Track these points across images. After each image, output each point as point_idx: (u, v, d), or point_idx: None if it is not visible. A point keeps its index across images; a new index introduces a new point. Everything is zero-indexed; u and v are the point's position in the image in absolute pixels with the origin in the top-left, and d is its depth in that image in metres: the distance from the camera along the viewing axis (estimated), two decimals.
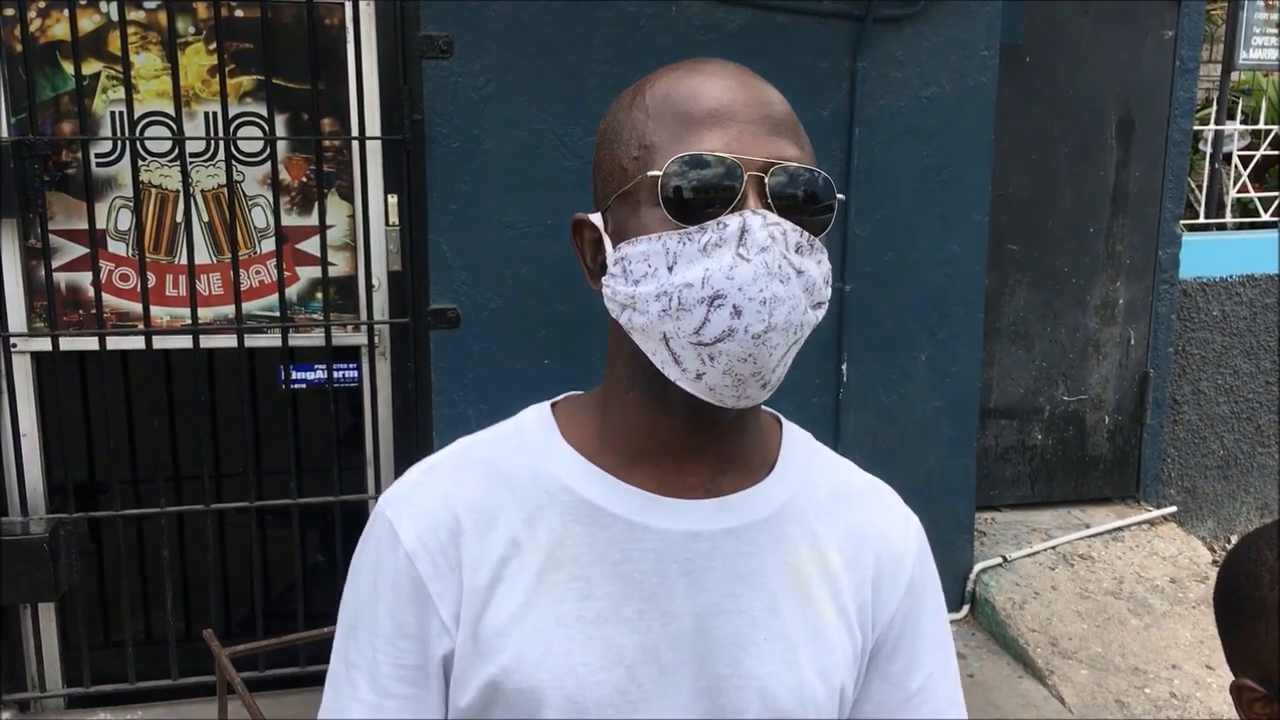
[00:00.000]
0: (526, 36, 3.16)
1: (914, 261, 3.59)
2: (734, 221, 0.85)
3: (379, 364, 3.31)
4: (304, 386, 3.31)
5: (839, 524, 0.99)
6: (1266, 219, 5.02)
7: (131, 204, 3.11)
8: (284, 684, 3.29)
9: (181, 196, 3.09)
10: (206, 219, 3.20)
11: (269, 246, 3.21)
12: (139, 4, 3.08)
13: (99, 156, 3.12)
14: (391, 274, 3.27)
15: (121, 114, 3.07)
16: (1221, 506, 4.88)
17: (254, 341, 3.23)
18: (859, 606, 0.98)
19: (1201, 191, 4.91)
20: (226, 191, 3.13)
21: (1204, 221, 4.86)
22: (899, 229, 3.55)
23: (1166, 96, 4.35)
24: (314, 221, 3.18)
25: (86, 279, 3.11)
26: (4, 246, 3.07)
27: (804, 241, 0.87)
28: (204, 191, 3.18)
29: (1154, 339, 4.51)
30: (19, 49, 2.98)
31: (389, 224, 3.23)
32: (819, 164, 0.91)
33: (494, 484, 0.94)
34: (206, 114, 3.14)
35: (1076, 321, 4.43)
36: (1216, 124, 4.86)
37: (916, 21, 3.44)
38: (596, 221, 0.93)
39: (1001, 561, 4.05)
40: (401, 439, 3.33)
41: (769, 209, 0.86)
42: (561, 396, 1.02)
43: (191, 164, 3.11)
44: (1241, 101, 5.42)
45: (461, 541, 0.92)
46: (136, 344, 3.15)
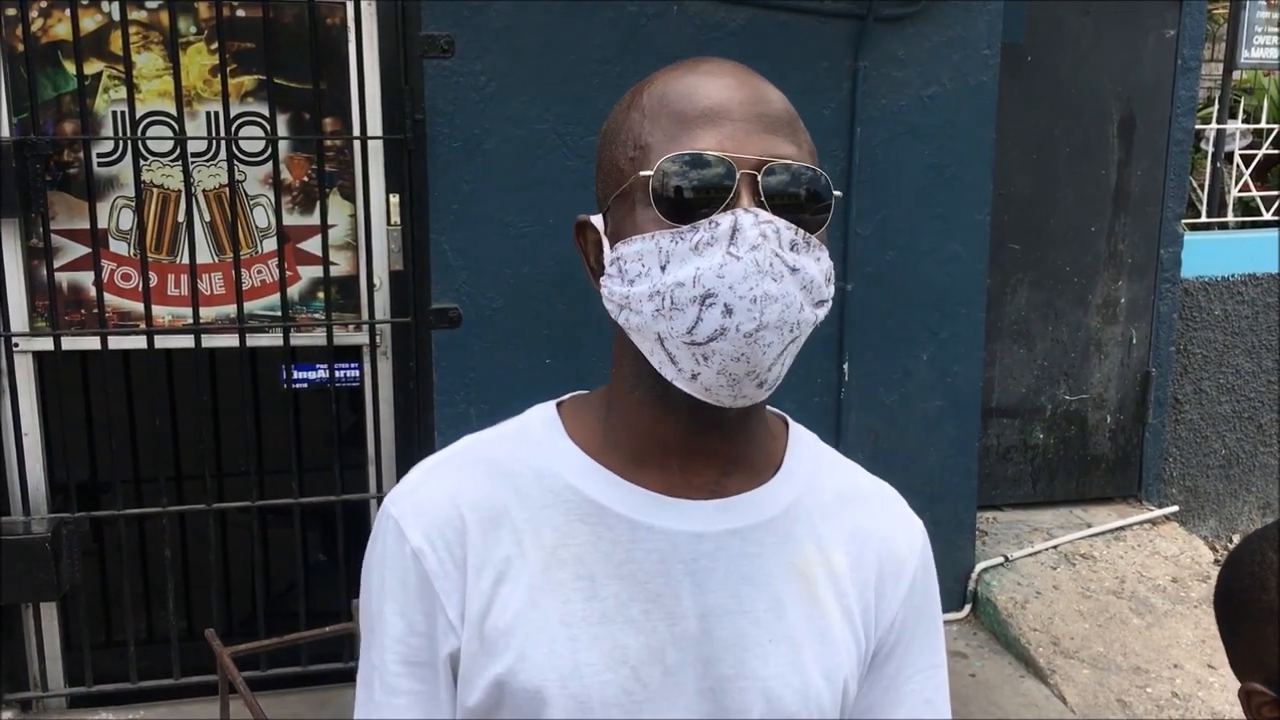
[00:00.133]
0: (528, 36, 3.16)
1: (915, 260, 3.59)
2: (725, 220, 0.85)
3: (380, 363, 3.31)
4: (305, 386, 3.31)
5: (844, 526, 0.99)
6: (1268, 218, 5.01)
7: (133, 203, 3.11)
8: (286, 683, 3.29)
9: (183, 196, 3.09)
10: (208, 218, 3.20)
11: (270, 246, 3.22)
12: (140, 4, 3.08)
13: (101, 156, 3.12)
14: (393, 273, 3.27)
15: (123, 113, 3.07)
16: (1223, 506, 4.87)
17: (255, 341, 3.23)
18: (863, 609, 0.98)
19: (1203, 190, 4.91)
20: (228, 191, 3.13)
21: (1205, 220, 4.85)
22: (900, 228, 3.55)
23: (1168, 95, 4.35)
24: (315, 221, 3.18)
25: (88, 278, 3.11)
26: (6, 246, 3.07)
27: (799, 239, 0.87)
28: (205, 191, 3.18)
29: (1156, 338, 4.50)
30: (21, 49, 2.98)
31: (390, 223, 3.23)
32: (821, 163, 0.91)
33: (499, 483, 0.94)
34: (208, 113, 3.14)
35: (1078, 321, 4.42)
36: (1218, 123, 4.86)
37: (918, 21, 3.44)
38: (597, 223, 0.94)
39: (1003, 561, 4.05)
40: (403, 438, 3.33)
41: (762, 207, 0.86)
42: (567, 396, 1.01)
43: (193, 163, 3.11)
44: (1243, 100, 5.41)
45: (467, 540, 0.92)
46: (138, 343, 3.16)
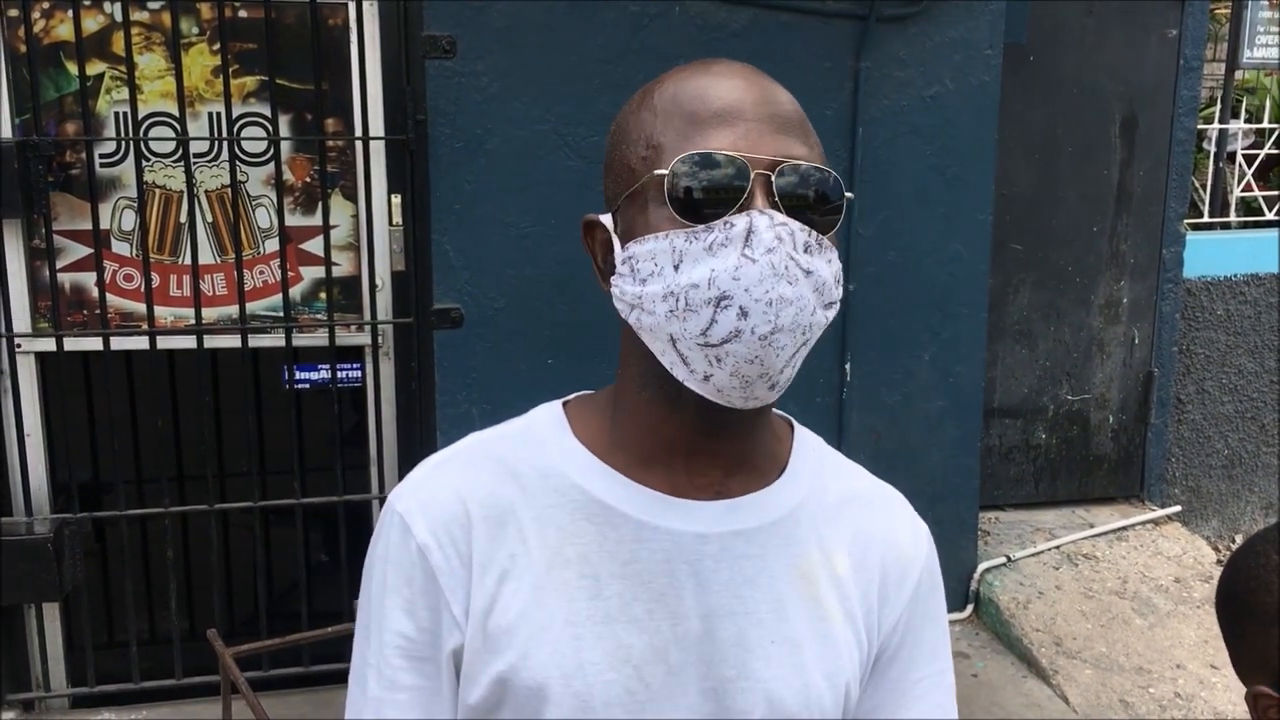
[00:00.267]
0: (529, 36, 3.16)
1: (917, 261, 3.58)
2: (740, 221, 0.84)
3: (382, 364, 3.31)
4: (307, 386, 3.31)
5: (848, 529, 0.99)
6: (1270, 218, 5.01)
7: (135, 204, 3.11)
8: (288, 684, 3.29)
9: (185, 197, 3.09)
10: (210, 219, 3.20)
11: (273, 247, 3.22)
12: (143, 5, 3.08)
13: (103, 157, 3.12)
14: (395, 274, 3.27)
15: (125, 114, 3.08)
16: (1226, 506, 4.87)
17: (258, 341, 3.23)
18: (865, 611, 0.98)
19: (1205, 190, 4.91)
20: (230, 192, 3.13)
21: (1208, 220, 4.85)
22: (902, 228, 3.55)
23: (1170, 95, 4.35)
24: (317, 222, 3.18)
25: (91, 279, 3.11)
26: (8, 247, 3.07)
27: (812, 241, 0.87)
28: (208, 192, 3.19)
29: (1158, 338, 4.50)
30: (23, 49, 2.98)
31: (392, 224, 3.23)
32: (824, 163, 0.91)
33: (504, 480, 0.94)
34: (210, 114, 3.15)
35: (1080, 321, 4.42)
36: (1220, 123, 4.86)
37: (920, 21, 3.44)
38: (606, 222, 0.93)
39: (1005, 561, 4.05)
40: (405, 439, 3.33)
41: (776, 208, 0.85)
42: (572, 396, 1.01)
43: (195, 164, 3.11)
44: (1245, 100, 5.41)
45: (473, 537, 0.92)
46: (140, 344, 3.16)
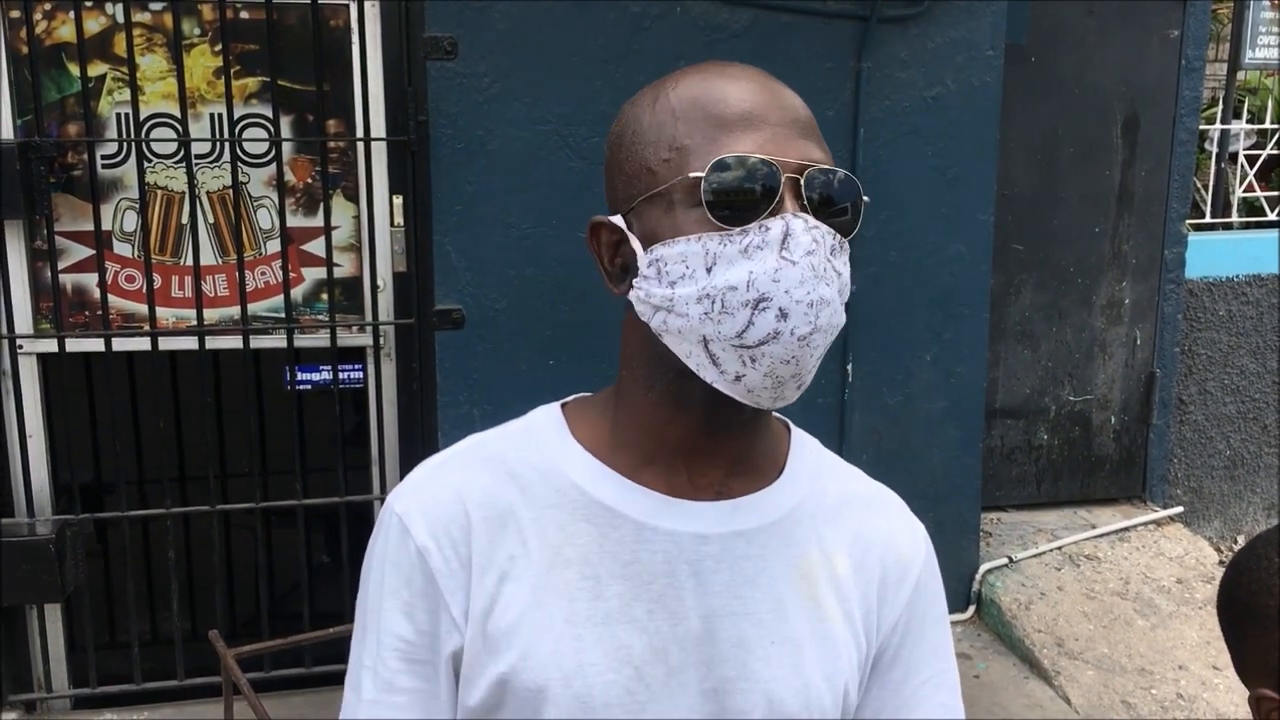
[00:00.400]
0: (531, 37, 3.16)
1: (919, 261, 3.58)
2: (777, 225, 0.85)
3: (384, 365, 3.31)
4: (309, 387, 3.31)
5: (847, 530, 0.99)
6: (1272, 218, 5.00)
7: (137, 205, 3.12)
8: (289, 685, 3.29)
9: (187, 198, 3.09)
10: (212, 220, 3.21)
11: (274, 248, 3.22)
12: (144, 6, 3.09)
13: (105, 158, 3.12)
14: (396, 275, 3.27)
15: (127, 115, 3.08)
16: (1228, 507, 4.87)
17: (259, 343, 3.23)
18: (864, 612, 0.98)
19: (1207, 191, 4.90)
20: (232, 193, 3.13)
21: (1210, 221, 4.85)
22: (904, 229, 3.54)
23: (1172, 96, 4.34)
24: (319, 222, 3.18)
25: (92, 280, 3.11)
26: (10, 248, 3.07)
27: (836, 244, 0.88)
28: (209, 193, 3.19)
29: (1160, 339, 4.50)
30: (25, 51, 2.98)
31: (394, 225, 3.23)
32: None
33: (504, 482, 0.94)
34: (212, 115, 3.15)
35: (1082, 321, 4.42)
36: (1222, 123, 4.85)
37: (921, 21, 3.44)
38: (619, 223, 0.93)
39: (1007, 562, 4.04)
40: (406, 440, 3.33)
41: (805, 212, 0.86)
42: (571, 397, 1.02)
43: (197, 165, 3.11)
44: (1247, 101, 5.40)
45: (472, 538, 0.92)
46: (142, 345, 3.16)
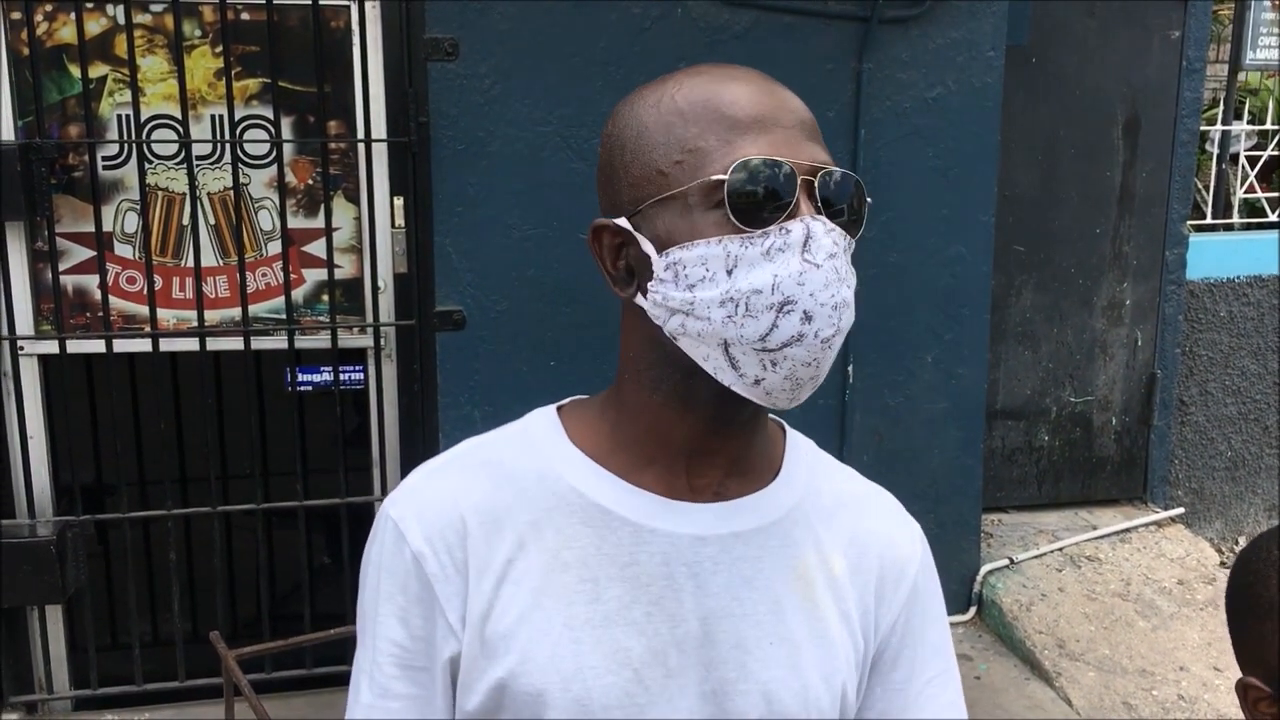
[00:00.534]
0: (532, 38, 3.16)
1: (920, 262, 3.58)
2: (797, 227, 0.85)
3: (385, 366, 3.31)
4: (310, 389, 3.31)
5: (843, 530, 0.99)
6: (1273, 219, 5.00)
7: (138, 207, 3.12)
8: (290, 686, 3.29)
9: (188, 199, 3.10)
10: (213, 221, 3.21)
11: (275, 249, 3.22)
12: (145, 7, 3.09)
13: (105, 159, 3.12)
14: (397, 276, 3.27)
15: (128, 117, 3.08)
16: (1229, 508, 4.86)
17: (260, 344, 3.23)
18: (862, 612, 0.98)
19: (1208, 192, 4.90)
20: (233, 194, 3.13)
21: (1211, 222, 4.84)
22: (905, 230, 3.54)
23: (1173, 97, 4.34)
24: (320, 224, 3.19)
25: (93, 282, 3.12)
26: (11, 249, 3.07)
27: (847, 246, 0.88)
28: (210, 194, 3.19)
29: (1161, 340, 4.50)
30: (26, 52, 2.99)
31: (395, 226, 3.23)
32: None
33: (501, 485, 0.94)
34: (213, 117, 3.15)
35: (1083, 322, 4.42)
36: (1223, 124, 4.85)
37: (922, 23, 3.44)
38: (625, 226, 0.91)
39: (1008, 563, 4.04)
40: (407, 441, 3.33)
41: (820, 214, 0.86)
42: (567, 400, 1.01)
43: (198, 167, 3.11)
44: (1248, 101, 5.40)
45: (468, 543, 0.92)
46: (143, 346, 3.16)
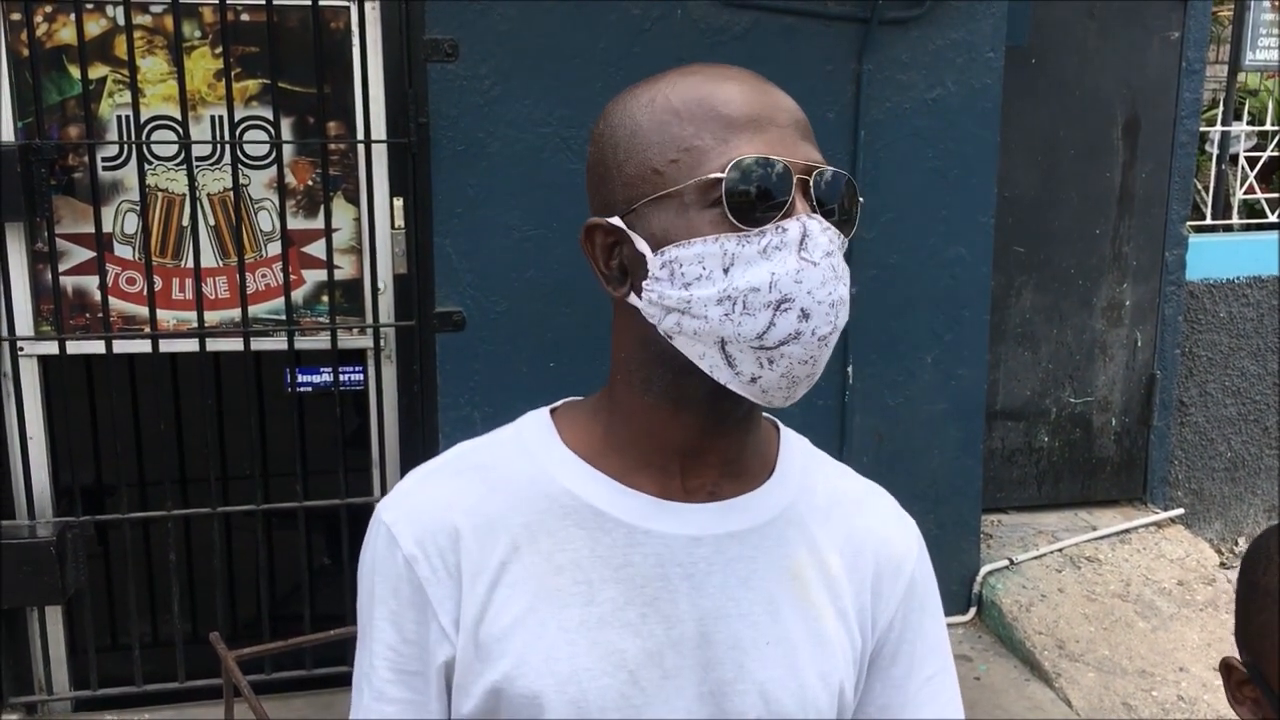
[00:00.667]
0: (531, 40, 3.16)
1: (920, 263, 3.58)
2: (794, 226, 0.85)
3: (384, 367, 3.31)
4: (310, 389, 3.32)
5: (838, 528, 0.99)
6: (1273, 220, 5.00)
7: (138, 208, 3.12)
8: (290, 687, 3.29)
9: (188, 200, 3.10)
10: (213, 222, 3.21)
11: (275, 250, 3.22)
12: (145, 8, 3.09)
13: (105, 160, 3.13)
14: (397, 277, 3.27)
15: (128, 118, 3.08)
16: (1229, 509, 4.86)
17: (260, 345, 3.23)
18: (859, 610, 0.98)
19: (1208, 193, 4.90)
20: (232, 195, 3.13)
21: (1210, 223, 4.84)
22: (904, 231, 3.54)
23: (1172, 97, 4.34)
24: (320, 225, 3.19)
25: (93, 283, 3.12)
26: (11, 250, 3.07)
27: (841, 244, 0.89)
28: (210, 195, 3.19)
29: (1161, 341, 4.50)
30: (26, 53, 2.99)
31: (394, 227, 3.23)
32: None
33: (494, 489, 0.94)
34: (212, 118, 3.15)
35: (1083, 323, 4.42)
36: (1223, 125, 4.85)
37: (922, 24, 3.44)
38: (617, 224, 0.91)
39: (1008, 564, 4.04)
40: (407, 442, 3.34)
41: (815, 212, 0.87)
42: (560, 402, 1.01)
43: (198, 167, 3.11)
44: (1248, 102, 5.40)
45: (461, 547, 0.92)
46: (143, 347, 3.16)
